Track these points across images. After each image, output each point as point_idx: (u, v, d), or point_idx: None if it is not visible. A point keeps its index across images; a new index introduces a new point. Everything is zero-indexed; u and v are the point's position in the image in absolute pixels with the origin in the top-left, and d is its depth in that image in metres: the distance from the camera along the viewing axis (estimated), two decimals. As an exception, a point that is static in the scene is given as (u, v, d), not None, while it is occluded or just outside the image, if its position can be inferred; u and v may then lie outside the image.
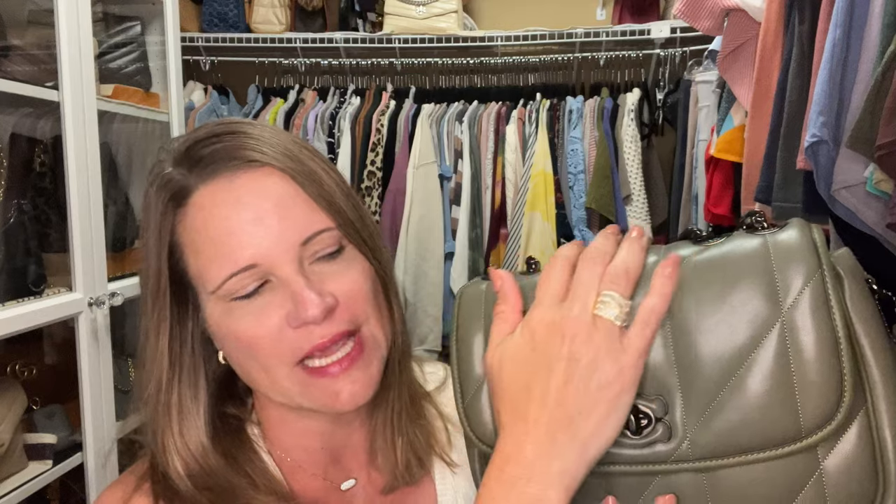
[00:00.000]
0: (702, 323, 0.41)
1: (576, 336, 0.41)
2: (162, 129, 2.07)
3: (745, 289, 0.40)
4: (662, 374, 0.41)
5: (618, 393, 0.40)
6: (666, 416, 0.41)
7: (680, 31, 2.56)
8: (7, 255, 1.50)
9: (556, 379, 0.41)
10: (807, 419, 0.38)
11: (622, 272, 0.42)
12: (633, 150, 2.49)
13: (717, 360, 0.40)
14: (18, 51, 1.61)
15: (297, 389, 0.58)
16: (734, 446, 0.40)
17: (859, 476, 0.39)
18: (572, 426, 0.40)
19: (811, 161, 1.17)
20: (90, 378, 1.59)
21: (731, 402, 0.39)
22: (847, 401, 0.38)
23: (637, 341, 0.41)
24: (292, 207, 0.57)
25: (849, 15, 1.11)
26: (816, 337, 0.38)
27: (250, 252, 0.55)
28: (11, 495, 1.42)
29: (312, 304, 0.54)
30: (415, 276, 2.55)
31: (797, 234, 0.41)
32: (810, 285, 0.39)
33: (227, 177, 0.57)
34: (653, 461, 0.41)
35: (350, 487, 0.66)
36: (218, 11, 2.77)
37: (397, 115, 2.63)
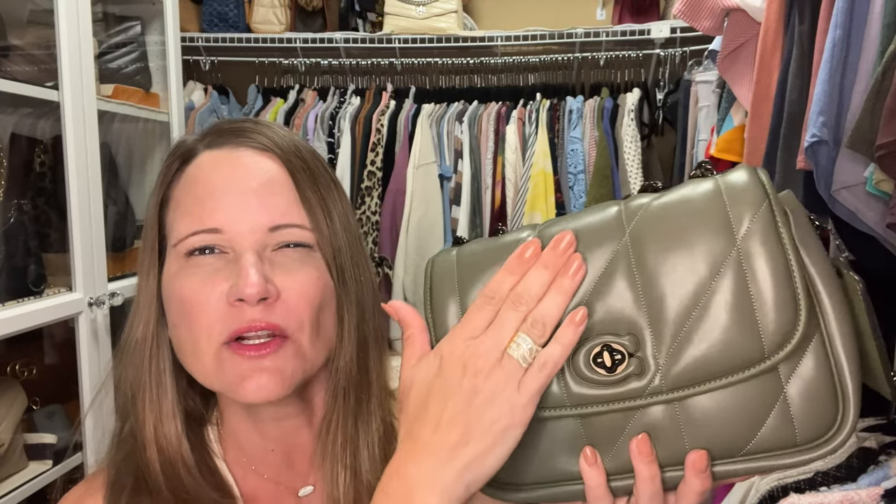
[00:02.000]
0: (663, 261, 0.43)
1: (479, 371, 0.43)
2: (162, 129, 2.07)
3: (701, 225, 0.43)
4: (631, 314, 0.44)
5: (506, 428, 0.43)
6: (638, 352, 0.43)
7: (680, 31, 2.56)
8: (7, 255, 1.50)
9: (451, 407, 0.44)
10: (768, 340, 0.41)
11: (540, 322, 0.44)
12: (633, 150, 2.49)
13: (681, 293, 0.42)
14: (18, 51, 1.61)
15: (213, 367, 0.58)
16: (703, 373, 0.42)
17: (820, 397, 0.41)
18: (456, 453, 0.43)
19: (811, 161, 1.17)
20: (90, 378, 1.59)
21: (696, 332, 0.42)
22: (803, 318, 0.41)
23: (531, 384, 0.43)
24: (276, 194, 0.59)
25: (849, 15, 1.11)
26: (769, 260, 0.41)
27: (221, 217, 0.57)
28: (11, 495, 1.42)
29: (252, 283, 0.55)
30: (415, 276, 2.55)
31: (745, 174, 0.44)
32: (759, 214, 0.42)
33: (231, 149, 0.61)
34: (628, 397, 0.43)
35: (308, 494, 0.65)
36: (218, 11, 2.77)
37: (397, 115, 2.63)
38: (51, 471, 1.54)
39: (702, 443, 0.43)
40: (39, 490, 1.52)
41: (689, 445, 0.43)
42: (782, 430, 0.42)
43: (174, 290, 0.59)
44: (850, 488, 1.03)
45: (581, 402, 0.44)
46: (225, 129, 0.63)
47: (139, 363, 0.62)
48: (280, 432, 0.65)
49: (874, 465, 1.07)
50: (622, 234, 0.45)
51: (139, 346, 0.62)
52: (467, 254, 0.49)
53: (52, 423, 1.63)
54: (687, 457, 0.43)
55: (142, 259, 0.63)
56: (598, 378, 0.44)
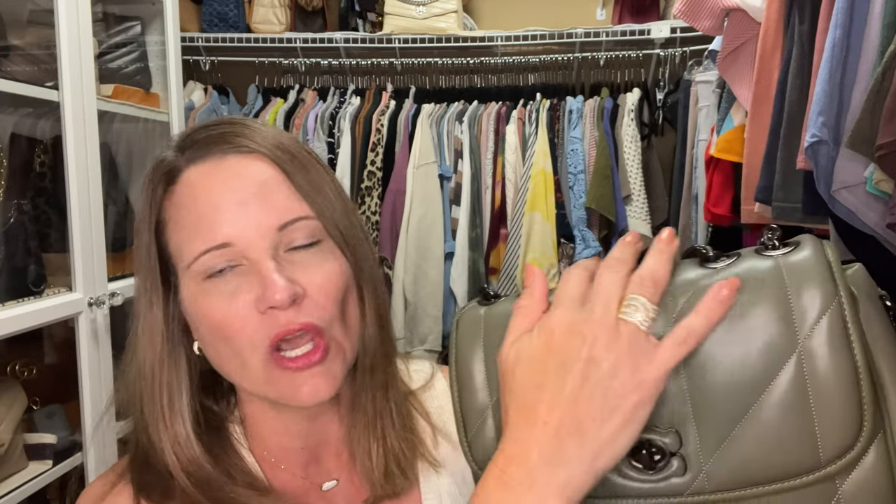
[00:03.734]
0: (716, 351, 0.39)
1: (597, 339, 0.39)
2: (162, 129, 2.07)
3: (760, 315, 0.39)
4: (676, 404, 0.40)
5: (635, 404, 0.38)
6: (680, 449, 0.39)
7: (680, 31, 2.56)
8: (7, 255, 1.50)
9: (571, 382, 0.39)
10: (826, 449, 0.37)
11: (648, 278, 0.40)
12: (633, 150, 2.49)
13: (732, 390, 0.39)
14: (18, 51, 1.61)
15: (263, 377, 0.58)
16: (751, 479, 0.39)
17: (877, 501, 0.38)
18: (583, 433, 0.39)
19: (811, 161, 1.17)
20: (90, 378, 1.59)
21: (747, 434, 0.38)
22: (867, 430, 0.37)
23: (666, 356, 0.39)
24: (274, 193, 0.58)
25: (849, 15, 1.11)
26: (835, 367, 0.37)
27: (227, 231, 0.57)
28: (11, 495, 1.42)
29: (279, 289, 0.55)
30: (415, 276, 2.55)
31: (811, 254, 0.39)
32: (828, 313, 0.38)
33: (217, 159, 0.59)
34: (668, 494, 0.40)
35: (331, 488, 0.66)
36: (218, 11, 2.77)
37: (397, 115, 2.63)
38: (51, 471, 1.54)
39: None
40: (39, 490, 1.52)
41: None
42: None
43: (200, 312, 0.58)
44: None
45: (615, 493, 0.40)
46: (201, 138, 0.61)
47: (151, 386, 0.61)
48: (312, 430, 0.66)
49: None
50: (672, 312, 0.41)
51: (148, 373, 0.61)
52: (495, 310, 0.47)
53: (52, 423, 1.63)
54: None
55: (141, 285, 0.62)
56: (636, 475, 0.40)
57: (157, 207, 0.61)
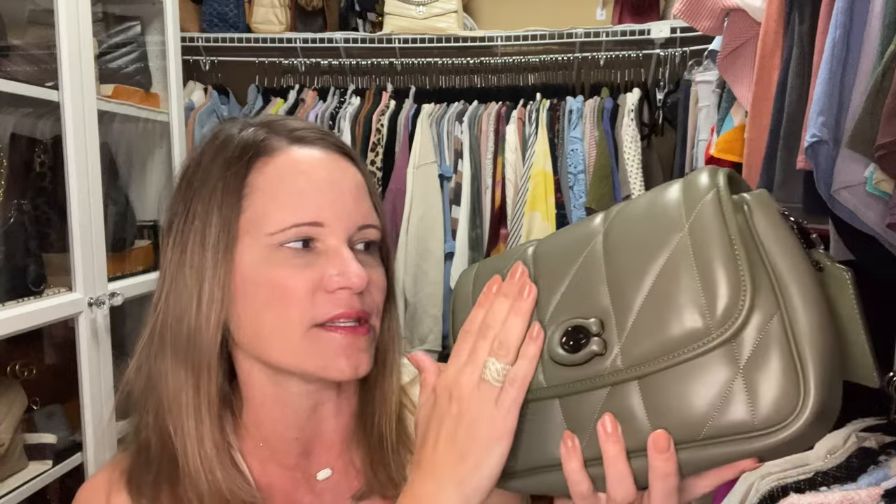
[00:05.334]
0: (629, 251, 0.47)
1: (462, 397, 0.50)
2: (162, 129, 2.07)
3: (661, 218, 0.46)
4: (601, 301, 0.47)
5: (492, 441, 0.49)
6: (603, 333, 0.46)
7: (680, 31, 2.56)
8: (7, 255, 1.50)
9: (444, 429, 0.50)
10: (713, 316, 0.42)
11: (504, 345, 0.50)
12: (633, 150, 2.49)
13: (639, 277, 0.45)
14: (18, 51, 1.61)
15: (306, 347, 0.61)
16: (656, 351, 0.44)
17: (778, 380, 0.41)
18: (454, 468, 0.49)
19: (811, 161, 1.17)
20: (90, 378, 1.59)
21: (650, 312, 0.44)
22: (748, 298, 0.42)
23: (505, 398, 0.49)
24: (363, 199, 0.66)
25: (849, 15, 1.11)
26: (713, 242, 0.43)
27: (324, 213, 0.62)
28: (11, 495, 1.42)
29: (360, 276, 0.61)
30: (415, 275, 2.55)
31: (706, 172, 0.47)
32: (706, 201, 0.45)
33: (322, 149, 0.65)
34: (593, 376, 0.46)
35: (326, 477, 0.68)
36: (218, 11, 2.77)
37: (397, 115, 2.63)
38: (51, 471, 1.55)
39: (662, 423, 0.44)
40: (39, 490, 1.52)
41: (652, 427, 0.44)
42: (738, 412, 0.42)
43: (263, 279, 0.61)
44: (850, 488, 1.03)
45: (554, 382, 0.48)
46: (295, 126, 0.66)
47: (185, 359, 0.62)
48: (311, 421, 0.68)
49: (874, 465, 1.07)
50: (599, 233, 0.50)
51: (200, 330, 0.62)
52: (483, 268, 0.57)
53: (52, 423, 1.63)
54: (649, 438, 0.44)
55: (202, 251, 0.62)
56: (566, 358, 0.47)
57: (243, 178, 0.62)
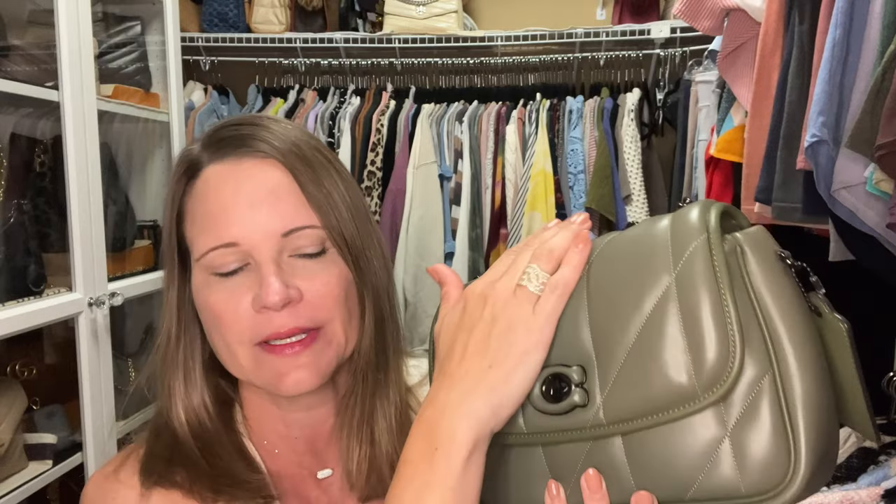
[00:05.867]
0: (613, 295, 0.44)
1: (496, 302, 0.47)
2: (162, 129, 2.07)
3: (648, 260, 0.43)
4: (584, 346, 0.44)
5: (525, 350, 0.45)
6: (584, 383, 0.44)
7: (680, 31, 2.56)
8: (7, 255, 1.50)
9: (474, 336, 0.47)
10: (700, 378, 0.39)
11: (546, 251, 0.47)
12: (633, 150, 2.49)
13: (624, 326, 0.42)
14: (18, 51, 1.61)
15: (250, 366, 0.61)
16: (640, 409, 0.41)
17: (768, 445, 0.39)
18: (482, 376, 0.46)
19: (811, 161, 1.17)
20: (90, 378, 1.59)
21: (634, 366, 0.42)
22: (737, 360, 0.39)
23: (545, 304, 0.46)
24: (284, 200, 0.61)
25: (849, 15, 1.11)
26: (702, 297, 0.40)
27: (235, 231, 0.60)
28: (11, 495, 1.42)
29: (273, 291, 0.58)
30: (415, 276, 2.55)
31: (696, 209, 0.43)
32: (696, 248, 0.41)
33: (234, 160, 0.63)
34: (574, 428, 0.44)
35: (326, 477, 0.68)
36: (218, 11, 2.77)
37: (397, 115, 2.63)
38: (51, 471, 1.54)
39: (647, 482, 0.41)
40: (39, 490, 1.52)
41: (637, 485, 0.42)
42: (726, 477, 0.39)
43: (203, 303, 0.62)
44: (850, 488, 1.03)
45: (536, 430, 0.45)
46: (225, 137, 0.64)
47: (168, 355, 0.66)
48: (307, 421, 0.68)
49: (874, 465, 1.07)
50: (587, 270, 0.46)
51: (167, 342, 0.67)
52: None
53: (52, 423, 1.63)
54: (632, 497, 0.41)
55: (165, 266, 0.68)
56: (548, 408, 0.45)
57: (179, 199, 0.65)
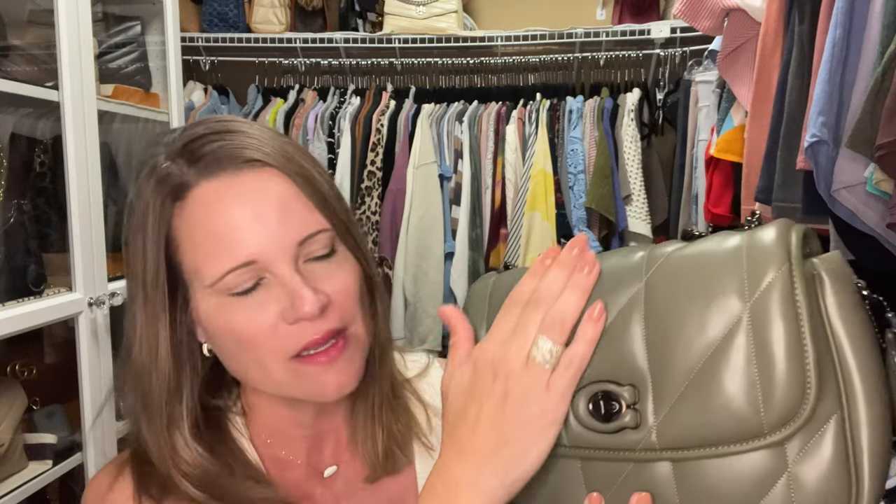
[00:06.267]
0: (675, 314, 0.41)
1: (509, 375, 0.46)
2: (162, 129, 2.07)
3: (718, 282, 0.40)
4: (637, 364, 0.42)
5: (542, 428, 0.44)
6: (636, 404, 0.42)
7: (680, 31, 2.56)
8: (7, 255, 1.50)
9: (486, 409, 0.46)
10: (768, 415, 0.38)
11: (558, 322, 0.45)
12: (633, 150, 2.49)
13: (687, 351, 0.40)
14: (18, 51, 1.61)
15: (289, 380, 0.60)
16: (698, 438, 0.40)
17: (830, 485, 0.38)
18: (497, 453, 0.45)
19: (811, 161, 1.17)
20: (90, 378, 1.59)
21: (696, 394, 0.40)
22: (811, 400, 0.37)
23: (560, 382, 0.44)
24: (292, 208, 0.59)
25: (849, 15, 1.11)
26: (779, 331, 0.38)
27: (250, 249, 0.57)
28: (11, 495, 1.42)
29: (309, 302, 0.56)
30: (415, 276, 2.55)
31: (774, 231, 0.41)
32: (776, 278, 0.39)
33: (231, 174, 0.59)
34: (622, 448, 0.42)
35: (332, 473, 0.69)
36: (218, 11, 2.77)
37: (397, 115, 2.63)
38: (51, 471, 1.54)
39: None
40: (39, 490, 1.52)
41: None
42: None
43: (222, 327, 0.59)
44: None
45: (578, 443, 0.44)
46: (209, 151, 0.59)
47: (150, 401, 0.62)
48: (319, 420, 0.68)
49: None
50: (639, 280, 0.44)
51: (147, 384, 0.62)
52: (501, 285, 0.51)
53: (52, 423, 1.63)
54: None
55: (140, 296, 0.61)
56: (595, 426, 0.43)
57: (167, 224, 0.60)
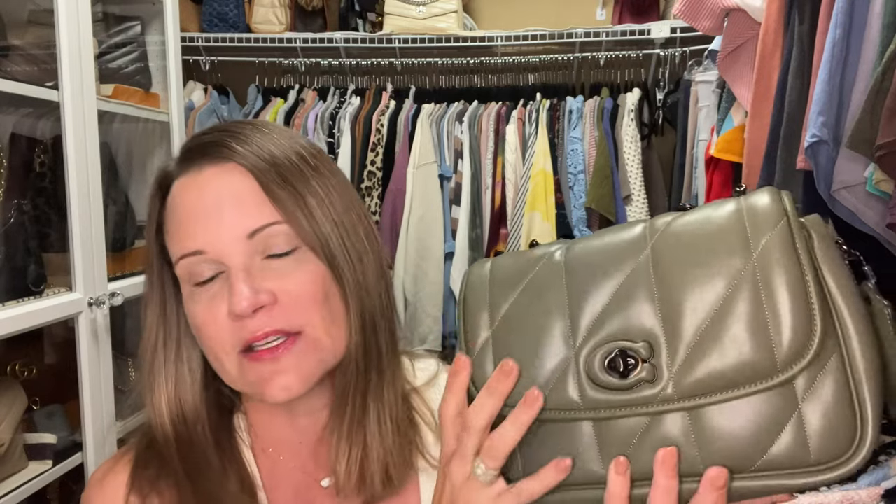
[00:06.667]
0: (682, 275, 0.44)
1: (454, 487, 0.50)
2: (162, 129, 2.07)
3: (721, 241, 0.44)
4: (648, 324, 0.45)
5: None
6: (652, 359, 0.44)
7: (680, 31, 2.56)
8: (7, 255, 1.50)
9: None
10: (781, 354, 0.41)
11: (496, 448, 0.48)
12: (633, 150, 2.49)
13: (697, 305, 0.43)
14: (18, 51, 1.61)
15: (238, 375, 0.61)
16: (715, 384, 0.42)
17: (837, 418, 0.41)
18: None
19: (811, 161, 1.17)
20: (90, 378, 1.59)
21: (710, 343, 0.43)
22: (818, 334, 0.41)
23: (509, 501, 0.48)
24: (246, 201, 0.60)
25: (849, 15, 1.11)
26: (784, 276, 0.42)
27: (201, 239, 0.60)
28: (11, 495, 1.42)
29: (242, 298, 0.57)
30: (415, 276, 2.55)
31: (768, 195, 0.45)
32: (776, 231, 0.43)
33: (196, 169, 0.62)
34: (640, 404, 0.44)
35: (330, 485, 0.67)
36: (218, 11, 2.77)
37: (397, 115, 2.63)
38: (51, 471, 1.54)
39: (714, 456, 0.43)
40: (39, 490, 1.52)
41: (702, 458, 0.43)
42: (796, 448, 0.41)
43: (189, 314, 0.63)
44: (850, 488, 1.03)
45: (594, 405, 0.45)
46: (192, 147, 0.65)
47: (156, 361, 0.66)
48: (312, 426, 0.67)
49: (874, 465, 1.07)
50: (644, 248, 0.46)
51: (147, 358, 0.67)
52: (499, 267, 0.52)
53: (52, 423, 1.63)
54: (707, 472, 0.43)
55: (147, 277, 0.67)
56: (611, 383, 0.45)
57: (157, 213, 0.65)
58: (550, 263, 0.50)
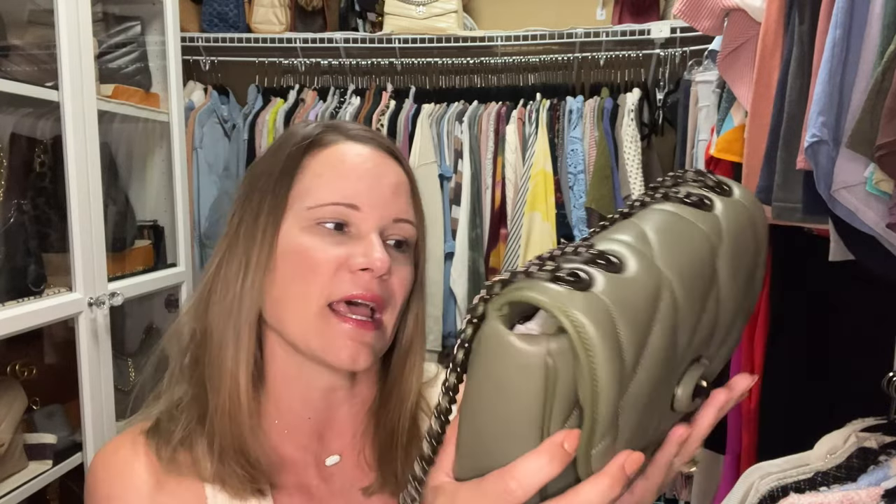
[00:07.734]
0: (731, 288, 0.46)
1: None
2: (162, 129, 2.07)
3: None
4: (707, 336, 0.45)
5: None
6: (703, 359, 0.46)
7: (680, 31, 2.56)
8: (7, 255, 1.50)
9: None
10: None
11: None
12: (633, 150, 2.49)
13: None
14: (18, 51, 1.61)
15: (317, 326, 0.63)
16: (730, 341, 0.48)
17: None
18: None
19: (811, 161, 1.17)
20: (90, 378, 1.59)
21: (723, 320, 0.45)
22: None
23: None
24: (402, 195, 0.69)
25: (849, 15, 1.11)
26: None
27: (361, 198, 0.65)
28: (11, 495, 1.42)
29: (384, 259, 0.63)
30: (415, 276, 2.55)
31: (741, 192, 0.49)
32: None
33: (372, 147, 0.69)
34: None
35: (334, 464, 0.70)
36: (218, 11, 2.77)
37: (397, 115, 2.63)
38: (51, 471, 1.55)
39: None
40: (39, 490, 1.52)
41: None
42: None
43: (296, 246, 0.64)
44: (850, 488, 1.03)
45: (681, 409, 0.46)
46: (354, 129, 0.70)
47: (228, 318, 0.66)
48: (324, 403, 0.70)
49: (874, 465, 1.07)
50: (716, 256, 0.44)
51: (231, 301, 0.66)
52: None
53: (52, 423, 1.63)
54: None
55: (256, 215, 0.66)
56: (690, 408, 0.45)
57: (298, 160, 0.67)
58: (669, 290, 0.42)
